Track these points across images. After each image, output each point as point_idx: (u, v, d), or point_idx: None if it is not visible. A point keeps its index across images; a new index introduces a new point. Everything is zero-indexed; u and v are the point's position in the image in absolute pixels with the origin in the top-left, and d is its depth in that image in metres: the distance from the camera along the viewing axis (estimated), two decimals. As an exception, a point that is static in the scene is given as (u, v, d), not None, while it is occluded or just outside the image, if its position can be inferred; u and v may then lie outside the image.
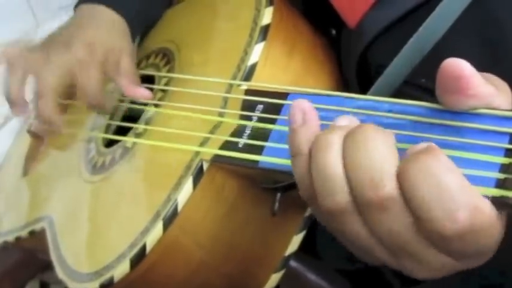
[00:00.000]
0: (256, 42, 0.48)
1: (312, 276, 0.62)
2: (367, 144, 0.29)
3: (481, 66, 0.34)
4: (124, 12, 0.62)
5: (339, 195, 0.30)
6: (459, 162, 0.29)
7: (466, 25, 0.44)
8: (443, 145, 0.30)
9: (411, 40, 0.45)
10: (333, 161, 0.30)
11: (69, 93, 0.60)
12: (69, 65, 0.57)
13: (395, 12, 0.48)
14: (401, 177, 0.28)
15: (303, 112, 0.33)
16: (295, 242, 0.49)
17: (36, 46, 0.61)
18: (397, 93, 0.48)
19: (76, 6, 0.64)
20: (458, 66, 0.30)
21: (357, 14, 0.50)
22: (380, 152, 0.29)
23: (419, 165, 0.28)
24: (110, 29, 0.61)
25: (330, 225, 0.33)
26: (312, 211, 0.35)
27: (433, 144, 0.29)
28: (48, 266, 0.55)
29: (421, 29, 0.45)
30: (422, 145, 0.29)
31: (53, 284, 0.53)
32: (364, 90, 0.52)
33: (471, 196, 0.27)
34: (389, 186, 0.28)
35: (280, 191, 0.46)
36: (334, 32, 0.58)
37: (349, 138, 0.30)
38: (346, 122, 0.32)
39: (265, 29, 0.49)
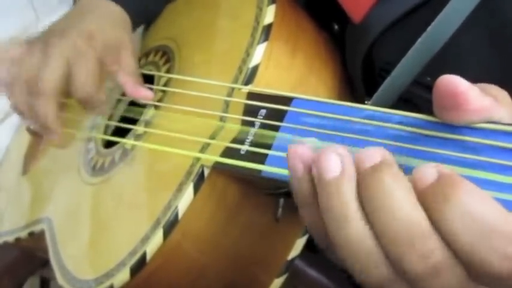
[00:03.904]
0: (259, 43, 0.47)
1: (311, 272, 0.62)
2: (387, 203, 0.26)
3: (489, 66, 0.32)
4: (125, 4, 0.60)
5: (377, 268, 0.27)
6: (476, 182, 0.27)
7: (473, 23, 0.43)
8: (459, 163, 0.29)
9: (419, 40, 0.44)
10: (352, 224, 0.27)
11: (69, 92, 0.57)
12: (66, 54, 0.54)
13: (401, 7, 0.47)
14: (436, 225, 0.25)
15: (302, 161, 0.29)
16: (299, 245, 0.48)
17: (35, 39, 0.58)
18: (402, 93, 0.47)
19: None
20: (454, 83, 0.28)
21: (362, 9, 0.49)
22: (406, 212, 0.26)
23: (452, 206, 0.25)
24: (111, 20, 0.59)
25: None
26: (333, 260, 0.32)
27: (449, 173, 0.26)
28: (48, 262, 0.55)
29: (429, 28, 0.43)
30: (432, 172, 0.26)
31: (53, 280, 0.52)
32: (369, 88, 0.51)
33: None
34: (436, 251, 0.25)
35: (283, 197, 0.45)
36: (336, 27, 0.56)
37: (362, 189, 0.27)
38: (337, 162, 0.28)
39: (268, 29, 0.48)
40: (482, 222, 0.24)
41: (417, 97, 0.47)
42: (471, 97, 0.28)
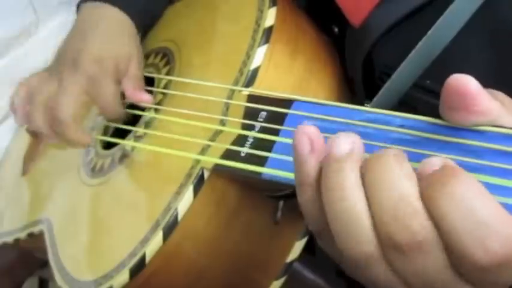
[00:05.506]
0: (259, 45, 0.47)
1: (309, 275, 0.62)
2: (385, 177, 0.27)
3: (489, 68, 0.32)
4: (130, 11, 0.59)
5: (365, 244, 0.27)
6: None
7: (473, 27, 0.43)
8: (460, 166, 0.29)
9: (420, 43, 0.44)
10: (351, 197, 0.27)
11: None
12: (82, 87, 0.55)
13: (401, 10, 0.47)
14: (429, 207, 0.26)
15: (310, 138, 0.30)
16: (297, 248, 0.48)
17: (49, 70, 0.59)
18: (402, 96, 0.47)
19: (78, 4, 0.61)
20: (464, 82, 0.28)
21: (361, 13, 0.49)
22: (400, 187, 0.27)
23: (448, 192, 0.25)
24: (117, 35, 0.58)
25: (348, 268, 0.31)
26: (322, 245, 0.32)
27: (453, 165, 0.27)
28: (47, 262, 0.55)
29: (430, 31, 0.43)
30: (437, 162, 0.27)
31: (52, 281, 0.52)
32: (369, 90, 0.51)
33: (507, 224, 0.25)
34: (417, 224, 0.26)
35: (282, 199, 0.45)
36: (336, 29, 0.56)
37: (365, 169, 0.28)
38: (349, 144, 0.29)
39: (268, 31, 0.48)
40: (473, 213, 0.25)
41: (417, 100, 0.47)
42: (481, 99, 0.29)
